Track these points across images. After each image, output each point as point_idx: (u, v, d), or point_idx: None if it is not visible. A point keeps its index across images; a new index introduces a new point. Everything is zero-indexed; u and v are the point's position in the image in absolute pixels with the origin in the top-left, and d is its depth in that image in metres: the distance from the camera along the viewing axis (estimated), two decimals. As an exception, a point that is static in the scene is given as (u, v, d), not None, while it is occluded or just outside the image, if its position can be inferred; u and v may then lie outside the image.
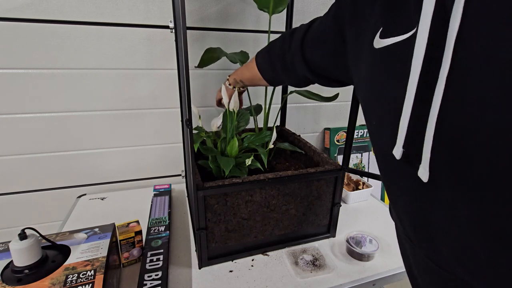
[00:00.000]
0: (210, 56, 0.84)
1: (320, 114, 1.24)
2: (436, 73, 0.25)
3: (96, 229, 0.62)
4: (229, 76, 0.78)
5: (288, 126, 1.11)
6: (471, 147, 0.24)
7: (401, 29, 0.30)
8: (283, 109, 1.07)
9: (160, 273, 0.62)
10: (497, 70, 0.21)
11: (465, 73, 0.23)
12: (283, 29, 1.01)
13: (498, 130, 0.22)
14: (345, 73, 0.47)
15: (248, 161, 0.69)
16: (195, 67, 0.85)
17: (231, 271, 0.67)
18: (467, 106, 0.23)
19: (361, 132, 1.32)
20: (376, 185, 1.37)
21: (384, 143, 0.34)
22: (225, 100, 0.71)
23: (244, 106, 0.93)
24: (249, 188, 0.64)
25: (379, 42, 0.33)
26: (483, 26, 0.22)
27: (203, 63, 0.84)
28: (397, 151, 0.30)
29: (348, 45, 0.43)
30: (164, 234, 0.75)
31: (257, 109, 0.95)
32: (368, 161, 1.37)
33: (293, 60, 0.58)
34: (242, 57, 0.87)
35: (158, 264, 0.65)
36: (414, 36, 0.27)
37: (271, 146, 0.75)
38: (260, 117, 0.94)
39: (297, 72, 0.59)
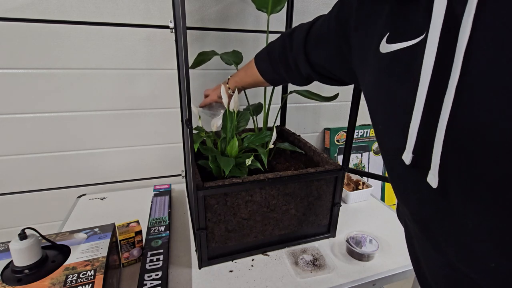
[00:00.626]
0: (202, 59, 0.85)
1: (320, 114, 1.24)
2: (447, 80, 0.24)
3: (96, 229, 0.62)
4: (228, 79, 0.77)
5: (288, 126, 1.11)
6: (481, 153, 0.24)
7: (409, 34, 0.29)
8: (283, 109, 1.07)
9: (160, 273, 0.62)
10: (507, 76, 0.21)
11: (475, 80, 0.23)
12: (283, 29, 1.01)
13: (508, 136, 0.22)
14: (349, 74, 0.47)
15: (248, 161, 0.69)
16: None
17: (231, 271, 0.67)
18: (477, 113, 0.23)
19: (361, 132, 1.32)
20: (376, 185, 1.37)
21: (392, 147, 0.34)
22: (224, 100, 0.71)
23: (242, 105, 0.93)
24: (249, 188, 0.64)
25: (386, 47, 0.32)
26: (493, 33, 0.22)
27: (195, 65, 0.85)
28: (407, 157, 0.30)
29: (352, 48, 0.42)
30: (164, 234, 0.75)
31: (257, 108, 0.95)
32: (368, 161, 1.37)
33: (296, 60, 0.57)
34: (235, 57, 0.87)
35: (158, 264, 0.65)
36: (422, 42, 0.27)
37: (271, 146, 0.75)
38: (260, 117, 0.94)
39: (301, 71, 0.58)
